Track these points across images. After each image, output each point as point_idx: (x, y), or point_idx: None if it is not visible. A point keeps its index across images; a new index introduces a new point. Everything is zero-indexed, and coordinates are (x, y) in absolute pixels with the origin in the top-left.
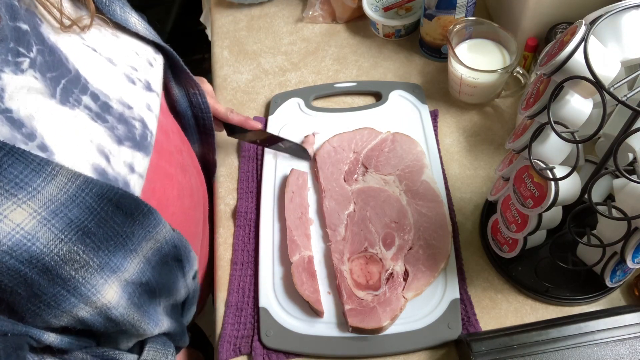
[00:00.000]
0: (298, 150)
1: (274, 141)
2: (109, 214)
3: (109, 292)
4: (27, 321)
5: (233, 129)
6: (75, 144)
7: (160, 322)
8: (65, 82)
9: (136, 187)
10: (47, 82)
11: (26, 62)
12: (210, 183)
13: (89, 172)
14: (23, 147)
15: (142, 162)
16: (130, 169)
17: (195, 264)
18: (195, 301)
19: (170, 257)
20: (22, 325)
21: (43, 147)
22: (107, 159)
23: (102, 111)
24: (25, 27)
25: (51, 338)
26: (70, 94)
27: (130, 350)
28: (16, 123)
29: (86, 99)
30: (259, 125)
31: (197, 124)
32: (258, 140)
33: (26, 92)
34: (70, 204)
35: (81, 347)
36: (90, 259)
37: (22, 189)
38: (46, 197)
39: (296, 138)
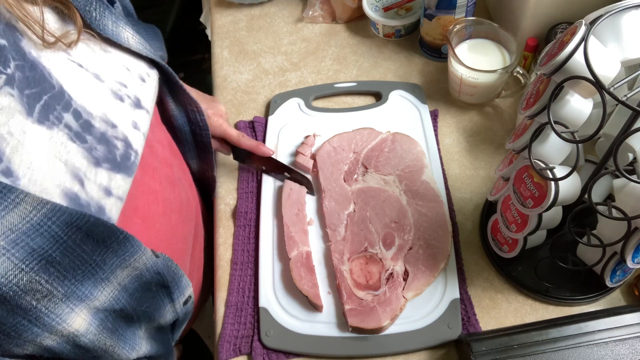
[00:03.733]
0: (303, 182)
1: (279, 170)
2: (76, 242)
3: (76, 320)
4: None
5: (240, 154)
6: (46, 167)
7: (137, 347)
8: (48, 98)
9: (113, 210)
10: (24, 99)
11: (2, 79)
12: (209, 199)
13: (58, 198)
14: None
15: (121, 183)
16: (107, 193)
17: (188, 290)
18: (186, 322)
19: (154, 284)
20: None
21: (7, 172)
22: (82, 182)
23: (83, 130)
24: (2, 42)
25: None
26: (51, 110)
27: None
28: None
29: (68, 117)
30: (270, 152)
31: (195, 140)
32: (264, 167)
33: None
34: (33, 233)
35: None
36: (54, 289)
37: None
38: (6, 226)
39: (296, 138)
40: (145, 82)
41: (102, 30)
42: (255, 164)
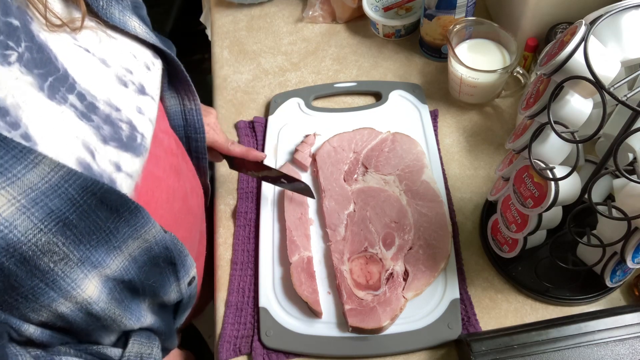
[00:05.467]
0: (301, 188)
1: (276, 176)
2: (92, 207)
3: (89, 287)
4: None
5: (235, 163)
6: (60, 137)
7: (142, 318)
8: (53, 80)
9: (123, 185)
10: (35, 77)
11: (14, 56)
12: (206, 206)
13: (73, 165)
14: (5, 134)
15: (130, 162)
16: (117, 168)
17: (192, 270)
18: (190, 307)
19: (161, 259)
20: (1, 312)
21: (26, 137)
22: (93, 155)
23: (88, 111)
24: (16, 22)
25: (31, 329)
26: (57, 91)
27: (114, 345)
28: (1, 110)
29: (72, 98)
30: (262, 156)
31: (189, 147)
32: (260, 175)
33: (14, 81)
34: (52, 194)
35: (63, 342)
36: (71, 252)
37: (2, 175)
38: (26, 184)
39: (296, 138)
40: (150, 70)
41: (109, 18)
42: (251, 173)
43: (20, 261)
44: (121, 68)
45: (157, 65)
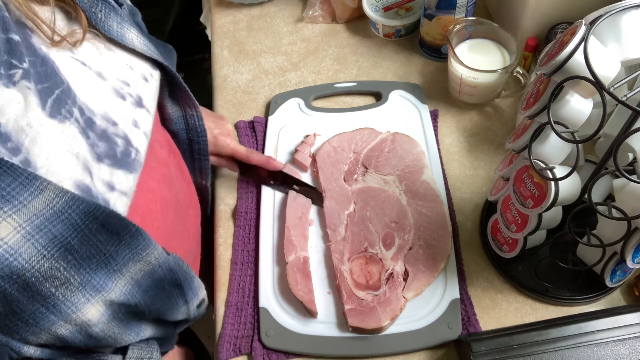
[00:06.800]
0: (312, 193)
1: (288, 183)
2: (92, 231)
3: (91, 310)
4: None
5: (247, 169)
6: (60, 160)
7: (142, 333)
8: (59, 93)
9: (118, 204)
10: (38, 94)
11: (18, 74)
12: (205, 213)
13: (71, 189)
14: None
15: (123, 179)
16: (109, 188)
17: (201, 292)
18: (193, 322)
19: (167, 282)
20: (2, 335)
21: (26, 163)
22: (91, 175)
23: (86, 126)
24: (16, 38)
25: (31, 350)
26: (63, 104)
27: (114, 352)
28: (2, 137)
29: (76, 112)
30: (281, 166)
31: (191, 147)
32: (272, 182)
33: (16, 105)
34: (55, 220)
35: (63, 355)
36: (72, 276)
37: (9, 202)
38: (32, 211)
39: (296, 138)
40: (147, 82)
41: (107, 31)
42: (263, 179)
43: (23, 287)
44: (118, 81)
45: (155, 76)
